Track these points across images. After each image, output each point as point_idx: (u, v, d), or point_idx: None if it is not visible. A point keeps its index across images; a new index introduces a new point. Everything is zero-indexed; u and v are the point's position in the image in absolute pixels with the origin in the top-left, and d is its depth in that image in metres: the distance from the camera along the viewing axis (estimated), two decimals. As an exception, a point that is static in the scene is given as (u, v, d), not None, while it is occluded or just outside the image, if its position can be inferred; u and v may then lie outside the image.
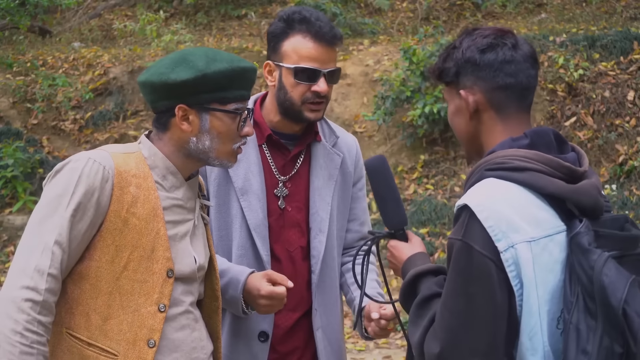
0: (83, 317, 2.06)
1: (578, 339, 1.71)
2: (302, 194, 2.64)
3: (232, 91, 2.10)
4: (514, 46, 1.93)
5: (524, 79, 1.92)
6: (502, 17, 11.46)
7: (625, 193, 7.52)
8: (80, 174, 2.02)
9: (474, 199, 1.81)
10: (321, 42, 2.50)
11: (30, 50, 11.42)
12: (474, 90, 1.93)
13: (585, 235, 1.77)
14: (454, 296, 1.80)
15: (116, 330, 2.06)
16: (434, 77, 2.03)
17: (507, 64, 1.91)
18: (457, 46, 1.97)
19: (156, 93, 2.10)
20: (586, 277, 1.72)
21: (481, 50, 1.92)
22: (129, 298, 2.07)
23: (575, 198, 1.82)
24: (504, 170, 1.83)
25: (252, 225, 2.55)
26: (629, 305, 1.69)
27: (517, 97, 1.93)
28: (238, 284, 2.45)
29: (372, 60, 9.59)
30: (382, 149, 8.80)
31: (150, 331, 2.07)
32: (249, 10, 12.65)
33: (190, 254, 2.17)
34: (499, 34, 1.95)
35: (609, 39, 8.64)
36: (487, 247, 1.76)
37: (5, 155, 8.66)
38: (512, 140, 1.89)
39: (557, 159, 1.85)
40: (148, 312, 2.07)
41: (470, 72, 1.93)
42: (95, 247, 2.05)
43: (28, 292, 1.94)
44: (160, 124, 2.15)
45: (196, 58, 2.07)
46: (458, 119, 1.99)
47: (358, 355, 6.31)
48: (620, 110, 8.09)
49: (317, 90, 2.51)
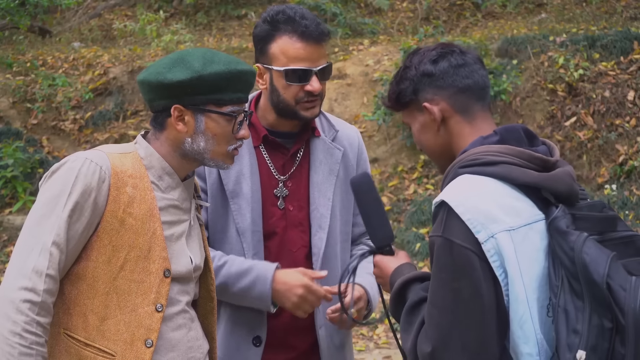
0: (80, 318, 2.06)
1: (567, 320, 1.74)
2: (303, 192, 2.62)
3: (228, 93, 2.09)
4: (462, 52, 2.02)
5: (480, 79, 2.00)
6: (502, 17, 11.46)
7: (625, 193, 7.51)
8: (78, 174, 2.02)
9: (450, 195, 1.85)
10: (309, 40, 2.47)
11: (30, 50, 11.41)
12: (436, 101, 1.99)
13: (562, 218, 1.81)
14: (440, 293, 1.83)
15: (113, 330, 2.06)
16: (391, 103, 2.08)
17: (460, 67, 1.99)
18: (408, 65, 2.04)
19: (153, 92, 2.10)
20: (568, 259, 1.76)
21: (433, 60, 2.00)
22: (126, 298, 2.06)
23: (550, 185, 1.86)
24: (477, 165, 1.88)
25: (240, 229, 2.54)
26: (612, 280, 1.72)
27: (477, 97, 2.00)
28: (266, 281, 2.46)
29: (372, 60, 9.58)
30: (382, 149, 8.80)
31: (148, 331, 2.07)
32: (249, 10, 12.66)
33: (187, 254, 2.17)
34: (444, 46, 2.04)
35: (609, 39, 8.64)
36: (467, 240, 1.80)
37: (5, 155, 8.65)
38: (483, 138, 1.95)
39: (528, 150, 1.90)
40: (145, 312, 2.07)
41: (428, 84, 2.00)
42: (92, 248, 2.05)
43: (26, 293, 1.94)
44: (157, 123, 2.15)
45: (193, 59, 2.07)
46: (426, 135, 2.04)
47: (358, 355, 6.30)
48: (620, 110, 8.09)
49: (310, 90, 2.50)
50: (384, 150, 8.79)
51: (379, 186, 8.37)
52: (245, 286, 2.49)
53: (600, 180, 7.76)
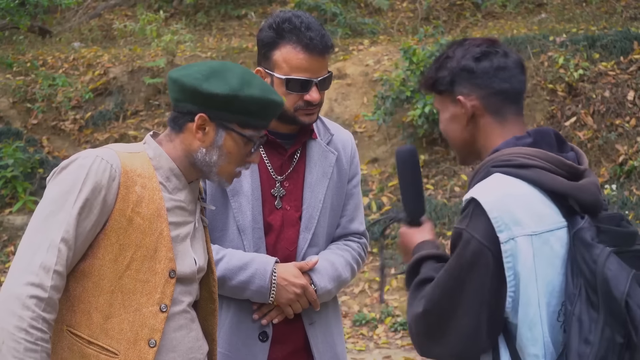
0: (84, 315, 2.06)
1: (580, 329, 1.78)
2: (299, 193, 2.65)
3: (256, 119, 2.11)
4: (505, 54, 2.03)
5: (517, 84, 2.02)
6: (502, 17, 11.46)
7: (625, 193, 7.51)
8: (88, 171, 2.02)
9: (481, 192, 1.89)
10: (312, 53, 2.50)
11: (30, 50, 11.41)
12: (471, 97, 2.01)
13: (588, 230, 1.84)
14: (447, 277, 1.90)
15: (117, 329, 2.06)
16: (426, 86, 2.11)
17: (501, 70, 2.00)
18: (451, 56, 2.05)
19: (183, 94, 2.10)
20: (589, 271, 1.80)
21: (476, 58, 2.01)
22: (131, 297, 2.07)
23: (577, 195, 1.89)
24: (509, 167, 1.91)
25: (240, 226, 2.57)
26: (631, 298, 1.76)
27: (512, 101, 2.02)
28: (265, 274, 2.51)
29: (372, 60, 9.58)
30: (382, 149, 8.80)
31: (152, 331, 2.08)
32: (249, 10, 12.66)
33: (191, 256, 2.18)
34: (490, 43, 2.05)
35: (609, 39, 8.64)
36: (488, 237, 1.85)
37: (5, 155, 8.65)
38: (517, 139, 1.97)
39: (559, 157, 1.93)
40: (150, 312, 2.08)
41: (466, 79, 2.01)
42: (99, 245, 2.05)
43: (33, 288, 1.94)
44: (177, 124, 2.15)
45: (233, 76, 2.08)
46: (453, 126, 2.06)
47: (358, 355, 6.30)
48: (620, 110, 8.09)
49: (309, 100, 2.52)
50: (384, 150, 8.78)
51: (379, 186, 8.37)
52: (244, 279, 2.53)
53: (600, 180, 7.76)
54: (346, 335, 6.63)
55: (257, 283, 2.52)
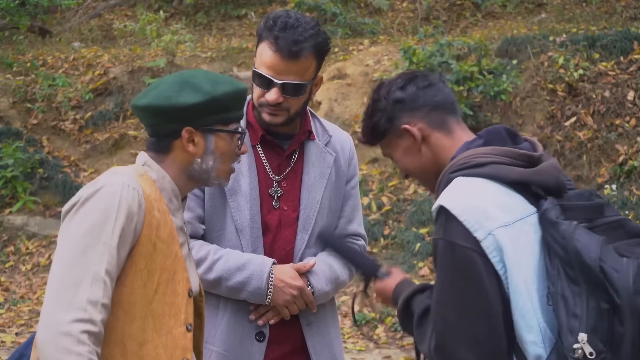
0: (118, 346, 2.02)
1: (566, 306, 1.82)
2: (296, 193, 2.66)
3: (234, 112, 2.14)
4: (425, 75, 2.14)
5: (447, 95, 2.13)
6: (502, 17, 11.47)
7: (625, 193, 7.51)
8: (120, 200, 1.98)
9: (446, 199, 1.94)
10: (277, 53, 2.49)
11: (30, 50, 11.42)
12: (414, 122, 2.09)
13: (552, 210, 1.89)
14: (444, 292, 1.92)
15: (153, 354, 2.03)
16: (366, 138, 2.20)
17: (427, 88, 2.11)
18: (377, 98, 2.14)
19: (160, 117, 2.09)
20: (560, 248, 1.84)
21: (400, 87, 2.11)
22: (161, 321, 2.05)
23: (537, 179, 1.95)
24: (467, 169, 1.97)
25: (238, 226, 2.58)
26: (605, 262, 1.80)
27: (450, 112, 2.11)
28: (262, 275, 2.53)
29: (372, 60, 9.59)
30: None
31: (184, 351, 2.08)
32: (249, 10, 12.66)
33: (195, 273, 2.22)
34: (406, 74, 2.16)
35: (609, 39, 8.64)
36: (467, 240, 1.88)
37: (5, 155, 8.66)
38: (468, 143, 2.05)
39: (512, 149, 1.99)
40: (179, 333, 2.08)
41: (401, 110, 2.10)
42: (127, 273, 2.01)
43: (84, 324, 1.89)
44: (162, 147, 2.13)
45: (200, 81, 2.08)
46: (410, 158, 2.13)
47: (358, 355, 6.31)
48: (620, 110, 8.09)
49: (267, 99, 2.53)
50: (384, 150, 8.78)
51: (379, 186, 8.37)
52: (241, 280, 2.54)
53: (600, 180, 7.77)
54: (346, 336, 6.63)
55: (254, 284, 2.53)
